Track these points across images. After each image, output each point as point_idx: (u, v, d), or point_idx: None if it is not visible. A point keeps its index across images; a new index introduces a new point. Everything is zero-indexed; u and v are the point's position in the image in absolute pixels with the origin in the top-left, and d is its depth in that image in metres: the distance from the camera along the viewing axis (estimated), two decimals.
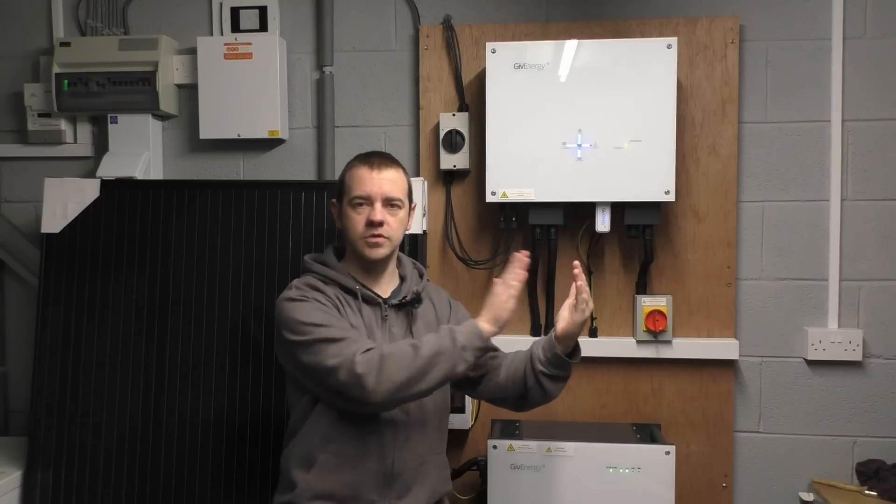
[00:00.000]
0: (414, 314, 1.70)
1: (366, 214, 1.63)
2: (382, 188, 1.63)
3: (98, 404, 2.12)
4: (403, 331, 1.68)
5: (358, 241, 1.64)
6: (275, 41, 2.29)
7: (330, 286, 1.66)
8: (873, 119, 2.18)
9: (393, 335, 1.66)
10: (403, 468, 1.62)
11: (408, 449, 1.64)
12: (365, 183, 1.63)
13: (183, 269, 2.14)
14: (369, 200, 1.63)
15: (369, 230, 1.62)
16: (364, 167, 1.65)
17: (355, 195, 1.64)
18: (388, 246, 1.65)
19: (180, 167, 2.42)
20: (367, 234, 1.62)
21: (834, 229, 2.19)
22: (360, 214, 1.63)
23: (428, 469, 1.68)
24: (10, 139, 2.48)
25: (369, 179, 1.63)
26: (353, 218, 1.64)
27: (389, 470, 1.61)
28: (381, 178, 1.64)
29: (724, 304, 2.20)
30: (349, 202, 1.65)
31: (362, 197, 1.63)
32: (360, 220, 1.63)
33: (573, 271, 1.62)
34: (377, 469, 1.60)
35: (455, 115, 2.23)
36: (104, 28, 2.40)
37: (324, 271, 1.68)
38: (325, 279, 1.67)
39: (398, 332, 1.67)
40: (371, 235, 1.62)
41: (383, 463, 1.60)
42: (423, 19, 2.31)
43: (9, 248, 2.42)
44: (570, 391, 2.25)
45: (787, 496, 2.23)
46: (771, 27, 2.20)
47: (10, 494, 2.08)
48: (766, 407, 2.24)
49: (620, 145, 2.06)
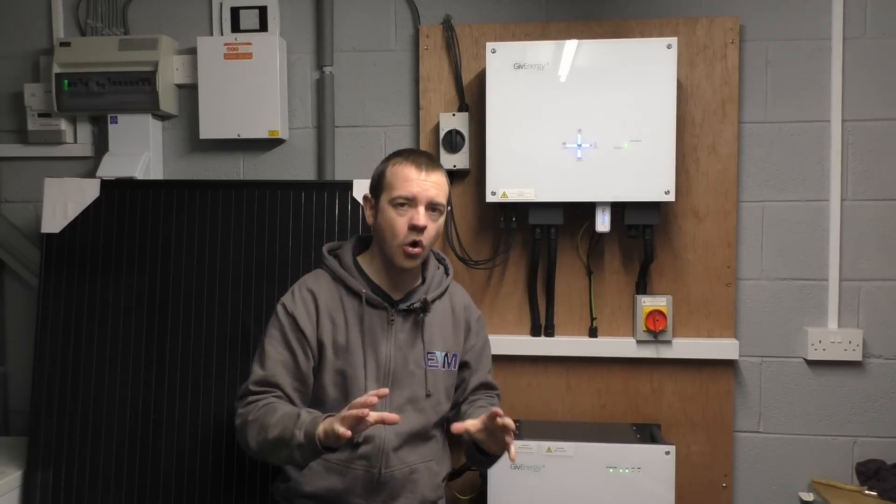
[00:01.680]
0: (424, 321, 1.67)
1: (408, 217, 1.58)
2: (428, 192, 1.59)
3: (98, 404, 2.12)
4: (412, 337, 1.66)
5: (394, 247, 1.59)
6: (275, 41, 2.29)
7: (337, 285, 1.65)
8: (873, 119, 2.18)
9: (398, 340, 1.64)
10: (391, 476, 1.61)
11: (397, 458, 1.62)
12: (412, 184, 1.58)
13: (183, 269, 2.14)
14: (414, 203, 1.58)
15: (410, 235, 1.57)
16: (411, 167, 1.59)
17: (399, 195, 1.58)
18: (422, 256, 1.62)
19: (180, 167, 2.42)
20: (407, 241, 1.58)
21: (834, 229, 2.19)
22: (401, 216, 1.58)
23: (418, 477, 1.66)
24: (10, 139, 2.48)
25: (416, 181, 1.58)
26: (393, 218, 1.59)
27: (376, 478, 1.60)
28: (427, 181, 1.59)
29: (724, 304, 2.20)
30: (390, 201, 1.59)
31: (406, 198, 1.58)
32: (401, 221, 1.58)
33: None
34: (365, 476, 1.60)
35: (455, 115, 2.23)
36: (104, 28, 2.40)
37: (334, 268, 1.67)
38: (335, 276, 1.66)
39: (404, 338, 1.65)
40: (410, 244, 1.58)
41: (371, 471, 1.60)
42: (423, 19, 2.31)
43: (9, 248, 2.41)
44: (570, 391, 2.25)
45: (787, 496, 2.23)
46: (771, 27, 2.20)
47: (10, 494, 2.08)
48: (766, 407, 2.24)
49: (620, 145, 2.06)
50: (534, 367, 2.26)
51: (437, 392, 1.69)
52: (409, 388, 1.65)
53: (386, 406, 1.61)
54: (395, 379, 1.64)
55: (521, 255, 2.26)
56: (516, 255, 2.26)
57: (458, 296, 1.78)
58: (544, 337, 2.24)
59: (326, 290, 1.65)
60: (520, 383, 2.26)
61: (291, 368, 1.61)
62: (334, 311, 1.63)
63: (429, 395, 1.67)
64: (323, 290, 1.65)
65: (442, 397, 1.70)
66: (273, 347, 1.62)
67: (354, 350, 1.62)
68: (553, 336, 2.24)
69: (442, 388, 1.70)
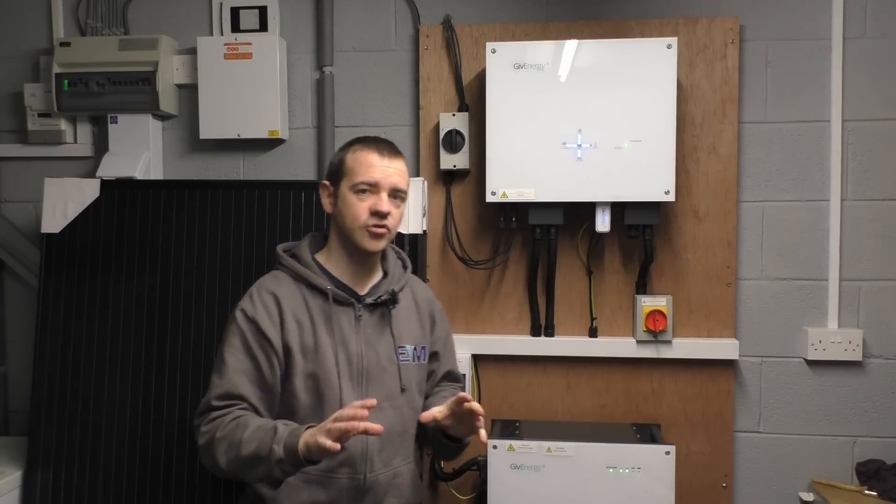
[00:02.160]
0: (391, 314, 1.63)
1: (370, 202, 1.54)
2: (391, 178, 1.56)
3: (98, 404, 2.12)
4: (380, 332, 1.62)
5: (357, 231, 1.55)
6: (275, 41, 2.29)
7: (299, 284, 1.59)
8: (873, 119, 2.18)
9: (368, 336, 1.60)
10: (376, 482, 1.57)
11: (381, 461, 1.58)
12: (374, 170, 1.55)
13: (183, 269, 2.14)
14: (376, 189, 1.55)
15: (373, 220, 1.54)
16: (373, 153, 1.56)
17: (362, 181, 1.55)
18: (387, 239, 1.59)
19: (180, 167, 2.42)
20: (370, 223, 1.54)
21: (834, 229, 2.19)
22: (363, 202, 1.55)
23: (401, 480, 1.62)
24: (10, 139, 2.48)
25: (379, 167, 1.55)
26: (354, 204, 1.55)
27: (362, 485, 1.55)
28: (390, 168, 1.56)
29: (724, 304, 2.20)
30: (351, 187, 1.56)
31: (369, 184, 1.55)
32: (363, 207, 1.55)
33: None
34: (349, 485, 1.55)
35: (455, 115, 2.23)
36: (104, 28, 2.40)
37: (295, 267, 1.60)
38: (296, 276, 1.60)
39: (374, 333, 1.61)
40: (375, 225, 1.55)
41: (355, 479, 1.55)
42: (423, 19, 2.31)
43: (9, 248, 2.41)
44: (570, 391, 2.25)
45: (787, 496, 2.23)
46: (771, 27, 2.20)
47: (10, 494, 2.08)
48: (766, 407, 2.24)
49: (620, 145, 2.06)
50: (534, 367, 2.26)
51: (411, 387, 1.65)
52: (383, 384, 1.60)
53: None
54: (369, 376, 1.59)
55: (521, 255, 2.26)
56: (516, 255, 2.26)
57: (420, 289, 1.76)
58: (544, 337, 2.24)
59: (288, 291, 1.58)
60: (520, 383, 2.26)
61: (255, 378, 1.52)
62: (299, 312, 1.56)
63: (404, 390, 1.62)
64: (284, 292, 1.58)
65: (415, 392, 1.67)
66: (234, 357, 1.53)
67: (324, 351, 1.55)
68: (553, 336, 2.24)
69: (415, 383, 1.66)
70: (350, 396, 1.55)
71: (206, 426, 1.51)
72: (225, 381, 1.52)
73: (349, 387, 1.56)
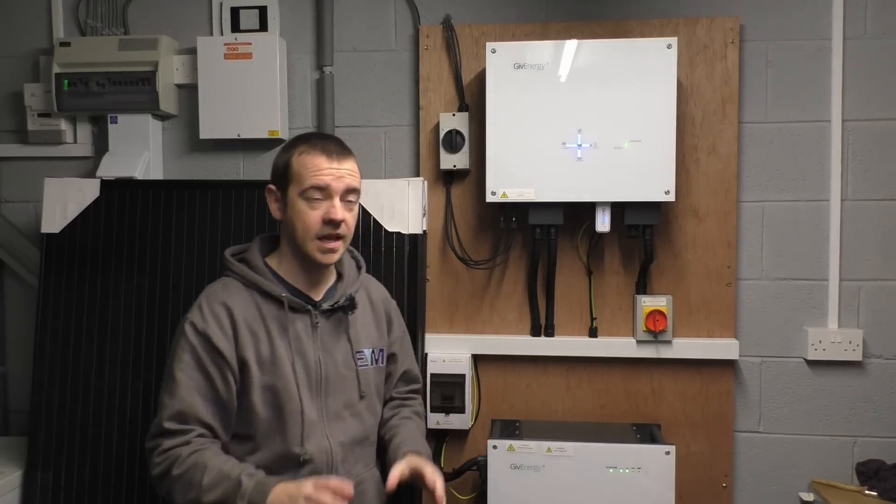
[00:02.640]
0: (349, 319, 1.58)
1: (322, 210, 1.47)
2: (343, 180, 1.47)
3: (98, 404, 2.12)
4: (336, 338, 1.57)
5: (308, 243, 1.48)
6: (275, 41, 2.29)
7: (251, 292, 1.51)
8: (873, 119, 2.18)
9: (325, 343, 1.55)
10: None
11: (345, 470, 1.54)
12: (323, 173, 1.46)
13: (183, 269, 2.14)
14: (328, 193, 1.47)
15: (326, 229, 1.47)
16: (321, 155, 1.47)
17: (311, 185, 1.46)
18: (342, 249, 1.52)
19: (180, 167, 2.42)
20: (322, 234, 1.47)
21: (834, 229, 2.19)
22: (314, 209, 1.47)
23: (365, 487, 1.59)
24: (10, 139, 2.48)
25: (328, 170, 1.46)
26: (304, 212, 1.47)
27: None
28: (341, 169, 1.48)
29: (724, 304, 2.20)
30: (300, 193, 1.47)
31: (319, 188, 1.46)
32: (315, 216, 1.47)
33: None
34: None
35: (455, 115, 2.23)
36: (104, 28, 2.40)
37: (246, 273, 1.52)
38: (247, 283, 1.52)
39: (331, 340, 1.56)
40: (327, 237, 1.47)
41: None
42: (423, 19, 2.31)
43: (9, 248, 2.41)
44: (570, 391, 2.25)
45: (787, 496, 2.23)
46: (771, 27, 2.20)
47: (10, 494, 2.08)
48: (766, 407, 2.24)
49: (620, 145, 2.06)
50: (534, 367, 2.26)
51: (370, 392, 1.62)
52: (342, 392, 1.56)
53: (323, 414, 1.53)
54: (328, 385, 1.54)
55: (521, 255, 2.26)
56: (516, 255, 2.26)
57: (375, 288, 1.71)
58: (544, 337, 2.24)
59: (240, 299, 1.50)
60: (520, 383, 2.26)
61: (209, 395, 1.45)
62: (253, 322, 1.49)
63: (363, 397, 1.59)
64: (236, 301, 1.50)
65: (375, 398, 1.64)
66: (185, 374, 1.44)
67: (281, 361, 1.49)
68: (553, 336, 2.24)
69: (374, 388, 1.63)
70: (310, 407, 1.51)
71: (158, 457, 1.43)
72: (176, 401, 1.44)
73: (308, 397, 1.52)
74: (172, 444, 1.43)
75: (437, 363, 2.21)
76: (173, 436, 1.44)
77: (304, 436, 1.50)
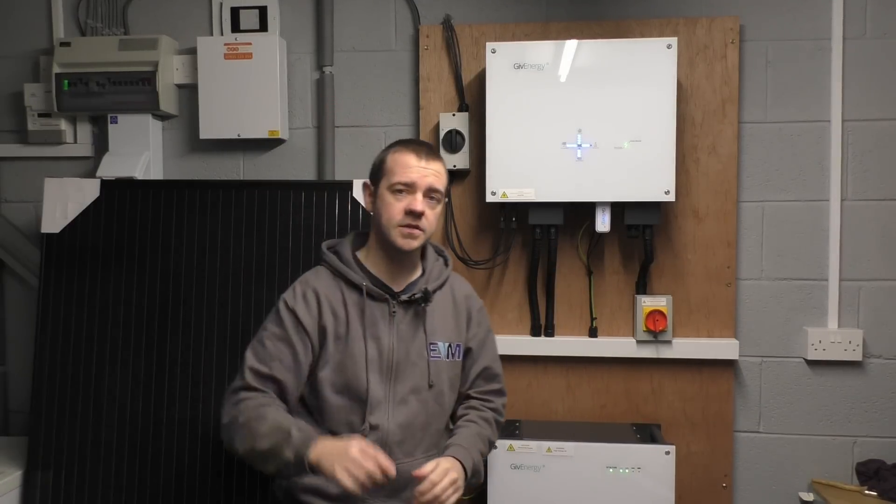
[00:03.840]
0: (426, 312, 1.67)
1: (406, 202, 1.59)
2: (427, 179, 1.60)
3: (98, 404, 2.12)
4: (414, 328, 1.66)
5: (392, 230, 1.60)
6: (275, 41, 2.29)
7: (337, 280, 1.65)
8: (873, 119, 2.19)
9: (401, 332, 1.65)
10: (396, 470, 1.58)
11: (402, 452, 1.62)
12: (411, 171, 1.59)
13: (183, 269, 2.14)
14: (412, 188, 1.59)
15: (407, 219, 1.59)
16: (411, 154, 1.61)
17: (398, 181, 1.59)
18: (421, 239, 1.63)
19: (180, 167, 2.42)
20: (404, 223, 1.59)
21: (834, 229, 2.19)
22: (399, 201, 1.59)
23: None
24: (10, 139, 2.48)
25: (416, 167, 1.60)
26: (391, 203, 1.60)
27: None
28: (427, 169, 1.61)
29: (724, 304, 2.20)
30: (389, 187, 1.61)
31: (405, 184, 1.59)
32: (398, 206, 1.59)
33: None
34: None
35: (455, 115, 2.23)
36: (104, 28, 2.40)
37: (335, 263, 1.67)
38: (335, 272, 1.66)
39: (406, 329, 1.65)
40: (408, 225, 1.59)
41: None
42: (423, 19, 2.31)
43: (9, 248, 2.42)
44: (570, 391, 2.25)
45: (787, 496, 2.23)
46: (771, 27, 2.21)
47: (10, 494, 2.08)
48: (766, 407, 2.24)
49: (620, 145, 2.06)
50: (534, 367, 2.26)
51: (440, 382, 1.68)
52: (411, 379, 1.65)
53: (390, 397, 1.62)
54: (398, 370, 1.64)
55: (521, 255, 2.26)
56: (516, 255, 2.26)
57: (459, 286, 1.78)
58: (544, 337, 2.24)
59: (327, 285, 1.66)
60: (520, 383, 2.26)
61: (289, 364, 1.61)
62: (336, 304, 1.64)
63: (431, 386, 1.66)
64: (323, 286, 1.65)
65: (445, 388, 1.70)
66: (271, 342, 1.61)
67: (356, 341, 1.62)
68: (553, 336, 2.24)
69: (445, 379, 1.69)
70: (377, 387, 1.61)
71: (231, 406, 1.58)
72: (261, 363, 1.60)
73: (377, 378, 1.61)
74: (245, 397, 1.58)
75: None
76: (250, 390, 1.59)
77: (368, 412, 1.60)
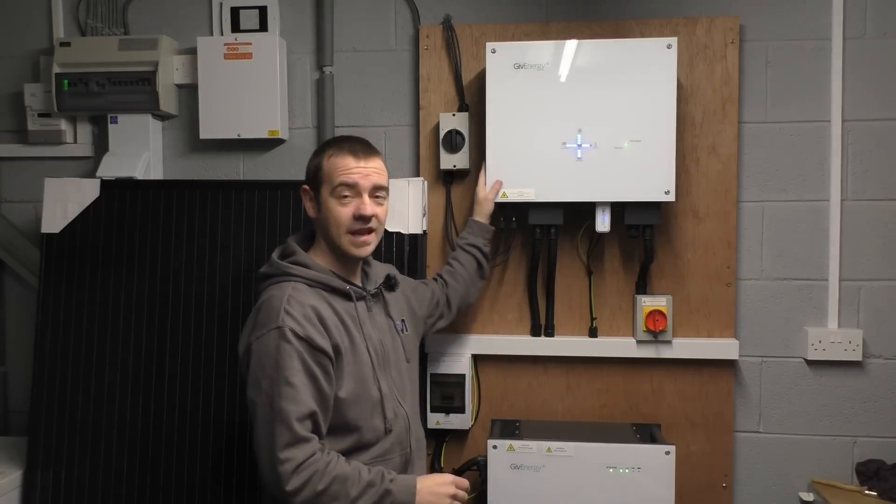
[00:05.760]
0: (385, 298, 1.71)
1: (353, 207, 1.56)
2: (370, 178, 1.57)
3: (98, 404, 2.12)
4: (384, 316, 1.70)
5: (342, 237, 1.57)
6: (275, 41, 2.29)
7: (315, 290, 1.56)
8: (873, 119, 2.18)
9: (378, 323, 1.67)
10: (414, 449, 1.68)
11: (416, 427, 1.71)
12: (351, 172, 1.56)
13: (183, 269, 2.14)
14: (356, 191, 1.56)
15: (357, 224, 1.56)
16: (348, 156, 1.58)
17: (340, 184, 1.56)
18: (375, 241, 1.62)
19: (180, 167, 2.42)
20: (354, 229, 1.57)
21: (834, 229, 2.19)
22: (345, 206, 1.56)
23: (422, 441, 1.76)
24: (10, 139, 2.48)
25: (356, 168, 1.57)
26: (337, 210, 1.56)
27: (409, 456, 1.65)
28: (367, 167, 1.58)
29: (724, 304, 2.20)
30: (331, 192, 1.57)
31: (349, 185, 1.56)
32: (345, 212, 1.56)
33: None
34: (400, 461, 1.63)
35: (455, 115, 2.23)
36: (104, 28, 2.40)
37: (307, 274, 1.57)
38: (311, 282, 1.57)
39: (381, 319, 1.69)
40: (358, 231, 1.57)
41: (404, 453, 1.64)
42: (423, 19, 2.31)
43: (9, 248, 2.42)
44: (570, 391, 2.25)
45: (787, 496, 2.23)
46: (771, 27, 2.20)
47: (10, 494, 2.08)
48: (766, 407, 2.24)
49: (620, 145, 2.06)
50: (534, 367, 2.26)
51: (412, 356, 1.77)
52: (397, 361, 1.70)
53: (392, 385, 1.65)
54: (388, 358, 1.67)
55: (521, 255, 2.26)
56: (516, 255, 2.26)
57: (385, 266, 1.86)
58: (544, 337, 2.24)
59: (315, 299, 1.55)
60: (520, 383, 2.26)
61: (317, 396, 1.49)
62: (332, 317, 1.56)
63: (408, 361, 1.73)
64: (313, 301, 1.54)
65: (414, 359, 1.79)
66: (298, 379, 1.46)
67: (360, 349, 1.60)
68: (553, 336, 2.24)
69: (413, 350, 1.78)
70: (383, 382, 1.63)
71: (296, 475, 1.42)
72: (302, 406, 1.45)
73: (381, 374, 1.64)
74: (305, 457, 1.44)
75: (437, 363, 2.21)
76: (306, 443, 1.45)
77: (385, 407, 1.61)
